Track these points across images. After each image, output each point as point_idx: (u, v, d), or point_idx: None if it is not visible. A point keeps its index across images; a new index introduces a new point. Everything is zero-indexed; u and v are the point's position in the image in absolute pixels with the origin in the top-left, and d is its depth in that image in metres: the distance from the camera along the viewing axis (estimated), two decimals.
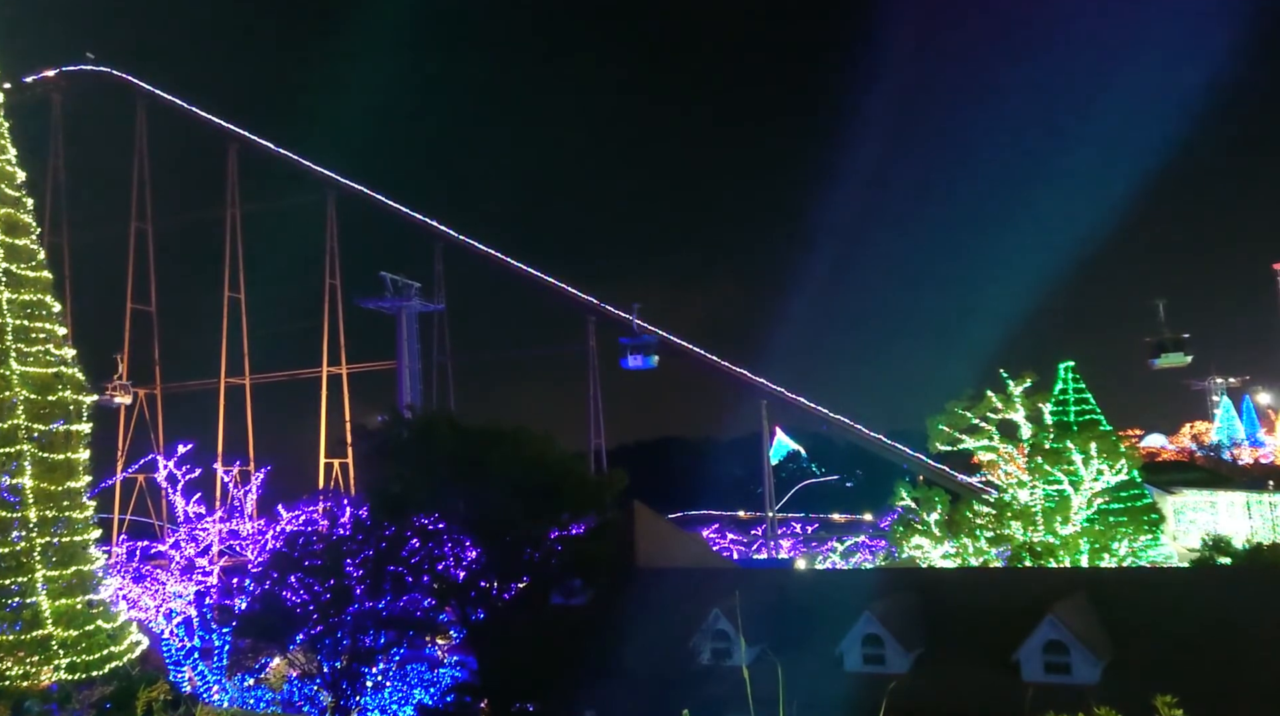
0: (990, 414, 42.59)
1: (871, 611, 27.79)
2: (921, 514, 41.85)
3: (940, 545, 41.02)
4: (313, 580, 36.25)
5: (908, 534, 42.03)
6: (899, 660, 27.26)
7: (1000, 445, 42.64)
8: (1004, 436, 42.68)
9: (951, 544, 40.89)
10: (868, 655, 27.63)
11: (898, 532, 43.12)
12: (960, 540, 40.68)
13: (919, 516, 41.95)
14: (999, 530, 40.21)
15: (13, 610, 28.83)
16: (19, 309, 31.13)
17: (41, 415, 30.91)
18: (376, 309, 75.90)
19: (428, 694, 34.33)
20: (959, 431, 43.20)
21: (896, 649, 27.36)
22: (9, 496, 29.72)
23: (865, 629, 27.73)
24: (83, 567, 31.20)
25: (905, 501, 42.81)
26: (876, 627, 27.61)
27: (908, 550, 42.27)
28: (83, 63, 79.29)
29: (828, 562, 61.82)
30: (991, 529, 40.39)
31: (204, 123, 76.90)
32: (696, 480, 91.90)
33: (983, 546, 40.17)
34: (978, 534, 40.36)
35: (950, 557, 40.74)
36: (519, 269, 72.72)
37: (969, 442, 43.42)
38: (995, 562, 39.60)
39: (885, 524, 52.34)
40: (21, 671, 28.05)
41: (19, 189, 32.41)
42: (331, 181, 74.82)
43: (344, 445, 73.85)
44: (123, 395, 74.23)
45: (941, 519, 41.34)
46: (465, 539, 36.33)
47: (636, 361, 68.34)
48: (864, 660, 27.61)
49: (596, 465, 67.43)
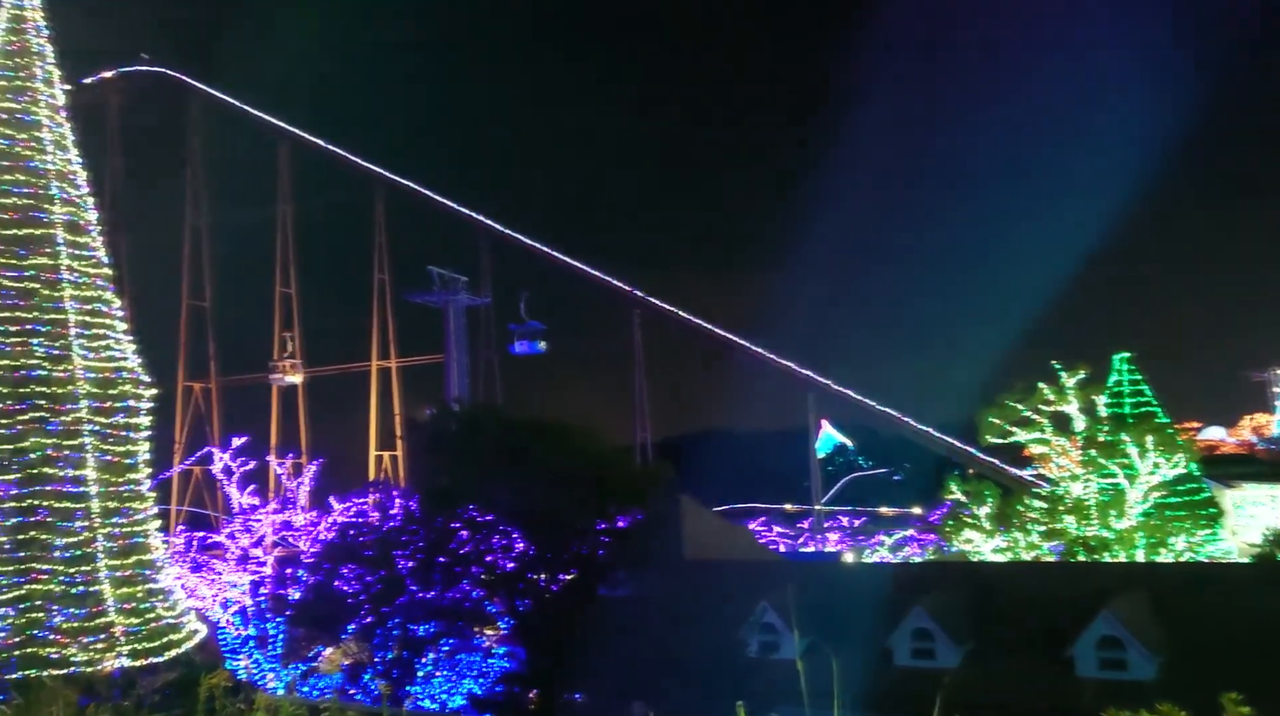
0: (1042, 406, 41.96)
1: (921, 605, 27.57)
2: (972, 507, 41.35)
3: (991, 539, 40.51)
4: (364, 571, 36.89)
5: (958, 527, 41.54)
6: (949, 654, 27.02)
7: (1053, 438, 42.01)
8: (1057, 429, 42.04)
9: (1003, 538, 40.37)
10: (917, 649, 27.42)
11: (948, 526, 42.66)
12: (1012, 534, 40.16)
13: (969, 510, 41.47)
14: (1052, 524, 39.64)
15: (77, 597, 29.63)
16: (81, 306, 31.94)
17: (103, 409, 31.69)
18: (424, 303, 76.70)
19: (477, 683, 34.73)
20: (1010, 424, 42.62)
21: (947, 643, 27.12)
22: (73, 487, 30.51)
23: (915, 623, 27.51)
24: (143, 557, 31.96)
25: (955, 495, 42.31)
26: (926, 622, 27.39)
27: (958, 544, 41.80)
28: (138, 63, 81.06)
29: (876, 556, 61.36)
30: (1044, 523, 39.82)
31: (256, 121, 78.15)
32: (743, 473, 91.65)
33: (1035, 540, 39.63)
34: (1030, 528, 39.82)
35: (1001, 552, 40.23)
36: (564, 262, 73.00)
37: (1020, 435, 42.83)
38: (1048, 557, 39.06)
39: (935, 517, 51.82)
40: (86, 657, 28.83)
41: (81, 189, 33.21)
42: (380, 177, 75.64)
43: (394, 438, 74.92)
44: (293, 373, 75.46)
45: (992, 512, 40.81)
46: (513, 531, 36.68)
47: (523, 346, 73.31)
48: (913, 654, 27.40)
49: (642, 458, 67.54)
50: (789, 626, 28.29)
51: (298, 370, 76.26)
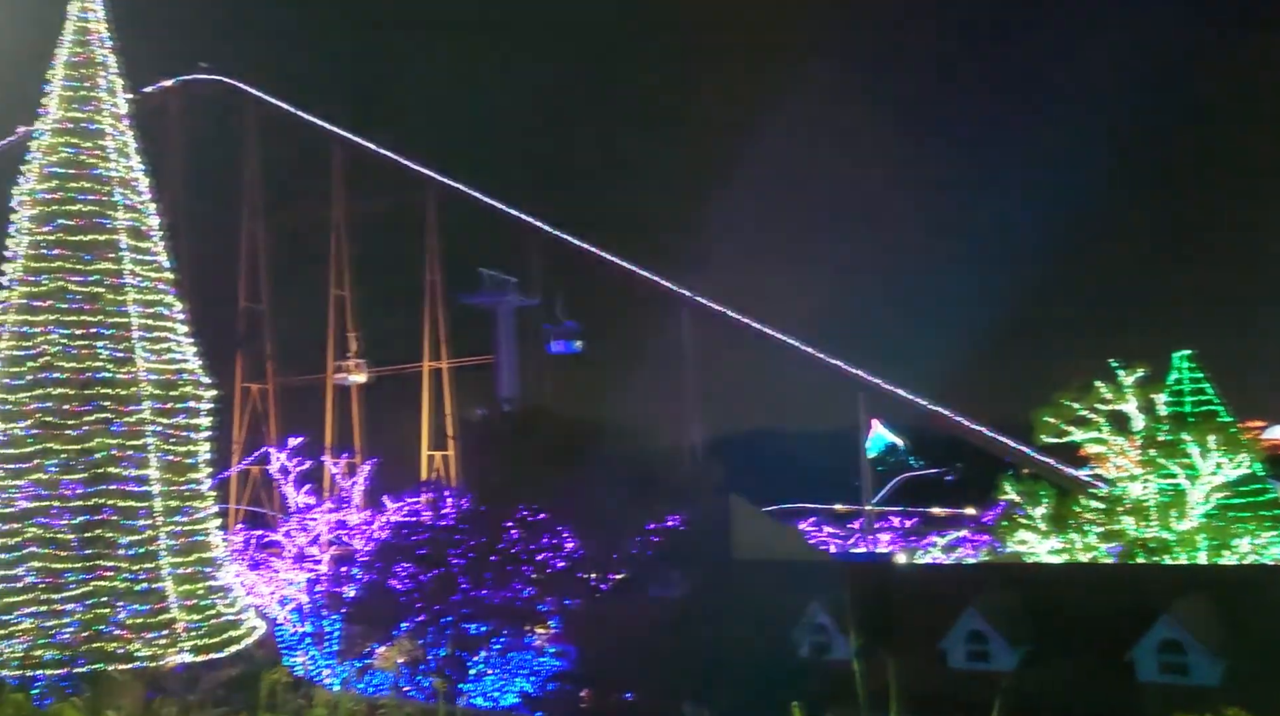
0: (1099, 405, 41.17)
1: (976, 607, 27.23)
2: (1027, 508, 40.69)
3: (1047, 540, 39.82)
4: (417, 569, 37.38)
5: (1012, 528, 40.91)
6: (1005, 657, 26.66)
7: (1110, 437, 41.20)
8: (1114, 428, 41.23)
9: (1059, 539, 39.66)
10: (972, 651, 27.09)
11: (1002, 527, 42.05)
12: (1068, 535, 39.46)
13: (1024, 510, 40.82)
14: (1110, 525, 38.89)
15: (141, 594, 30.43)
16: (144, 309, 32.79)
17: (165, 410, 32.51)
18: (475, 305, 77.36)
19: (529, 682, 34.99)
20: (1066, 423, 41.87)
21: (1002, 646, 26.76)
22: (136, 487, 31.32)
23: (969, 625, 27.19)
24: (204, 555, 32.72)
25: (1009, 495, 41.67)
26: (981, 624, 27.05)
27: (1012, 545, 41.16)
28: (197, 72, 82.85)
29: (928, 557, 60.66)
30: (1101, 524, 39.09)
31: (309, 125, 79.38)
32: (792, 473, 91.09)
33: (1092, 542, 38.91)
34: (1087, 529, 39.10)
35: (1057, 553, 39.55)
36: (613, 262, 73.14)
37: (1077, 435, 42.06)
38: (1106, 559, 38.34)
39: (988, 518, 51.11)
40: (150, 653, 29.59)
41: (143, 195, 34.09)
42: (431, 180, 76.42)
43: (446, 437, 75.70)
44: (358, 372, 76.83)
45: (1048, 513, 40.13)
46: (563, 530, 36.94)
47: (560, 346, 73.54)
48: (968, 656, 27.08)
49: (692, 458, 67.47)
50: (841, 627, 28.12)
51: (362, 370, 77.29)
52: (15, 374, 31.09)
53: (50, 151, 32.98)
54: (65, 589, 29.65)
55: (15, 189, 33.03)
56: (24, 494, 30.31)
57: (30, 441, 30.64)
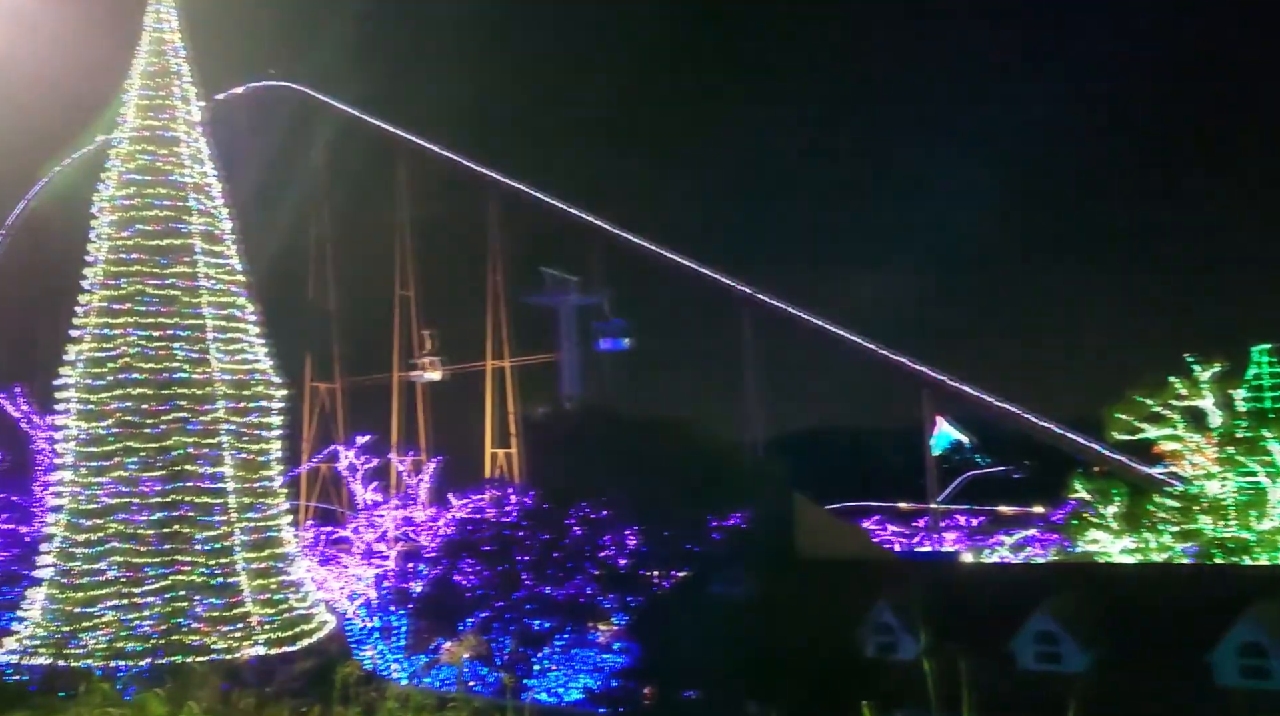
0: (1174, 401, 40.09)
1: (1046, 607, 26.72)
2: (1098, 506, 39.81)
3: (1120, 539, 38.91)
4: (482, 565, 37.82)
5: (1083, 527, 40.06)
6: (1075, 659, 26.11)
7: (1186, 434, 40.10)
8: (1190, 425, 40.11)
9: (1132, 538, 38.73)
10: (1041, 653, 26.59)
11: (1072, 526, 41.19)
12: (1142, 535, 38.51)
13: (1095, 509, 39.94)
14: (1186, 524, 37.86)
15: (217, 588, 31.28)
16: (218, 311, 33.70)
17: (238, 409, 33.37)
18: (538, 304, 78.00)
19: (593, 678, 35.19)
20: (1140, 420, 40.86)
21: (1073, 647, 26.22)
22: (211, 483, 32.19)
23: (1039, 626, 26.69)
24: (276, 551, 33.54)
25: (1080, 493, 40.79)
26: (1051, 625, 26.53)
27: (1083, 545, 40.30)
28: (266, 79, 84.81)
29: (996, 556, 59.61)
30: (1177, 523, 38.08)
31: (374, 130, 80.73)
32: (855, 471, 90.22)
33: (1167, 541, 37.92)
34: (1161, 528, 38.12)
35: (1131, 553, 38.62)
36: (674, 261, 73.13)
37: (1151, 431, 41.03)
38: (1181, 559, 37.33)
39: (1058, 517, 50.04)
40: (225, 645, 30.42)
41: (216, 200, 35.02)
42: (493, 181, 77.21)
43: (509, 435, 76.46)
44: (432, 370, 78.45)
45: (1121, 512, 39.20)
46: (626, 527, 37.07)
47: (608, 343, 73.96)
48: (1037, 658, 26.59)
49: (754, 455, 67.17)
50: (907, 626, 27.81)
51: (437, 367, 78.41)
52: (97, 375, 32.15)
53: (128, 159, 34.03)
54: (145, 583, 30.61)
55: (96, 195, 34.14)
56: (106, 491, 31.36)
57: (111, 440, 31.66)
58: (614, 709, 33.98)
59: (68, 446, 32.58)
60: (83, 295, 33.37)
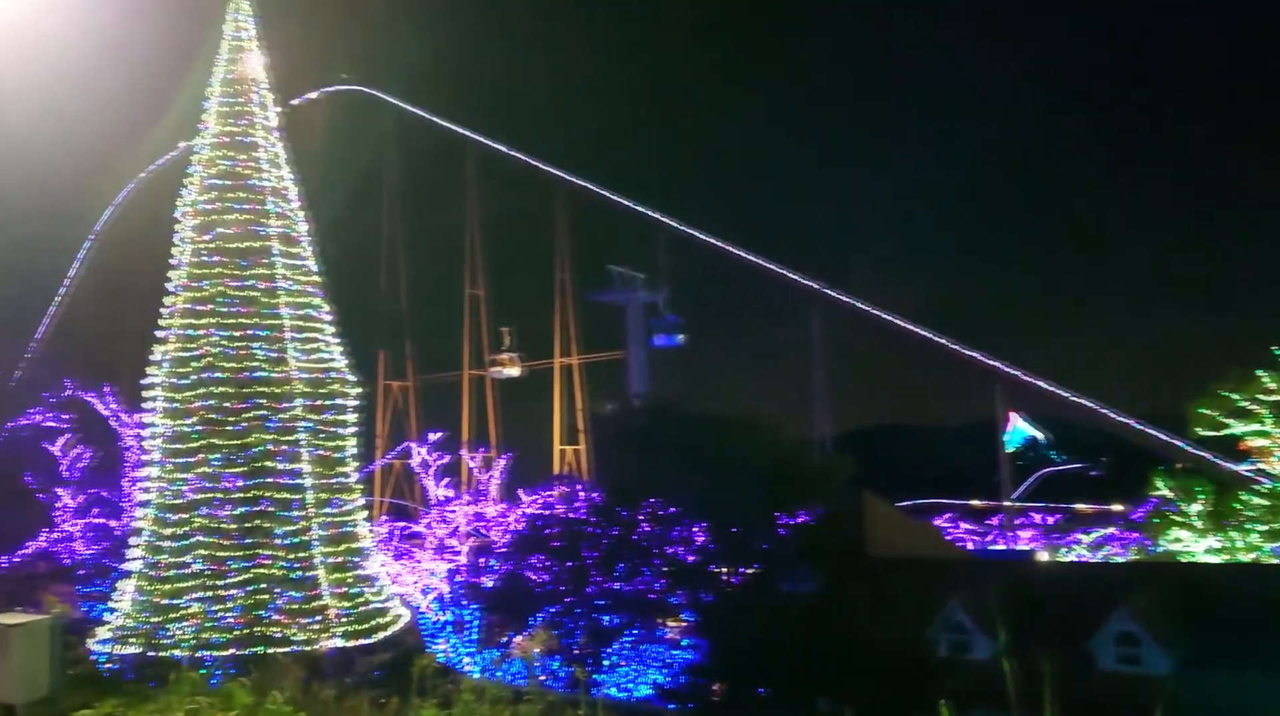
0: (1261, 396, 38.79)
1: (1126, 608, 26.10)
2: (1181, 504, 38.72)
3: (1204, 538, 37.81)
4: (552, 561, 38.22)
5: (1165, 526, 39.01)
6: (1157, 661, 25.49)
7: (1275, 429, 38.78)
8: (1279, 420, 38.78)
9: (1217, 537, 37.60)
10: (1122, 654, 26.00)
11: (1153, 524, 40.12)
12: (1228, 533, 37.36)
13: (1178, 507, 38.84)
14: (1275, 523, 36.64)
15: (296, 582, 32.07)
16: (295, 312, 34.52)
17: (315, 407, 34.14)
18: (605, 302, 78.42)
19: (662, 674, 35.34)
20: (1225, 415, 39.62)
21: (1154, 648, 25.58)
22: (290, 480, 32.98)
23: (1119, 626, 26.10)
24: (352, 545, 34.23)
25: (1162, 491, 39.72)
26: (1132, 625, 25.92)
27: (1165, 543, 39.23)
28: (339, 83, 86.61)
29: (1073, 555, 58.25)
30: (1265, 522, 36.85)
31: (444, 131, 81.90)
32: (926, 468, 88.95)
33: (1255, 540, 36.75)
34: (1249, 527, 36.95)
35: (1216, 553, 37.47)
36: (741, 257, 72.87)
37: (1237, 427, 39.75)
38: (1270, 559, 36.11)
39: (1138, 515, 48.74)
40: (304, 637, 31.18)
41: (292, 203, 35.87)
42: (560, 179, 77.77)
43: (577, 432, 77.02)
44: (511, 366, 79.86)
45: (1205, 510, 38.07)
46: (694, 524, 37.12)
47: (663, 340, 75.05)
48: (1118, 659, 25.99)
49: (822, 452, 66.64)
50: (981, 625, 27.39)
51: (516, 363, 79.33)
52: (181, 374, 33.16)
53: (209, 164, 35.01)
54: (228, 576, 31.49)
55: (179, 201, 35.20)
56: (190, 486, 32.32)
57: (195, 437, 32.63)
58: (683, 705, 34.10)
59: (154, 443, 33.66)
60: (167, 297, 34.34)
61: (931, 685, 24.25)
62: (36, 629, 13.35)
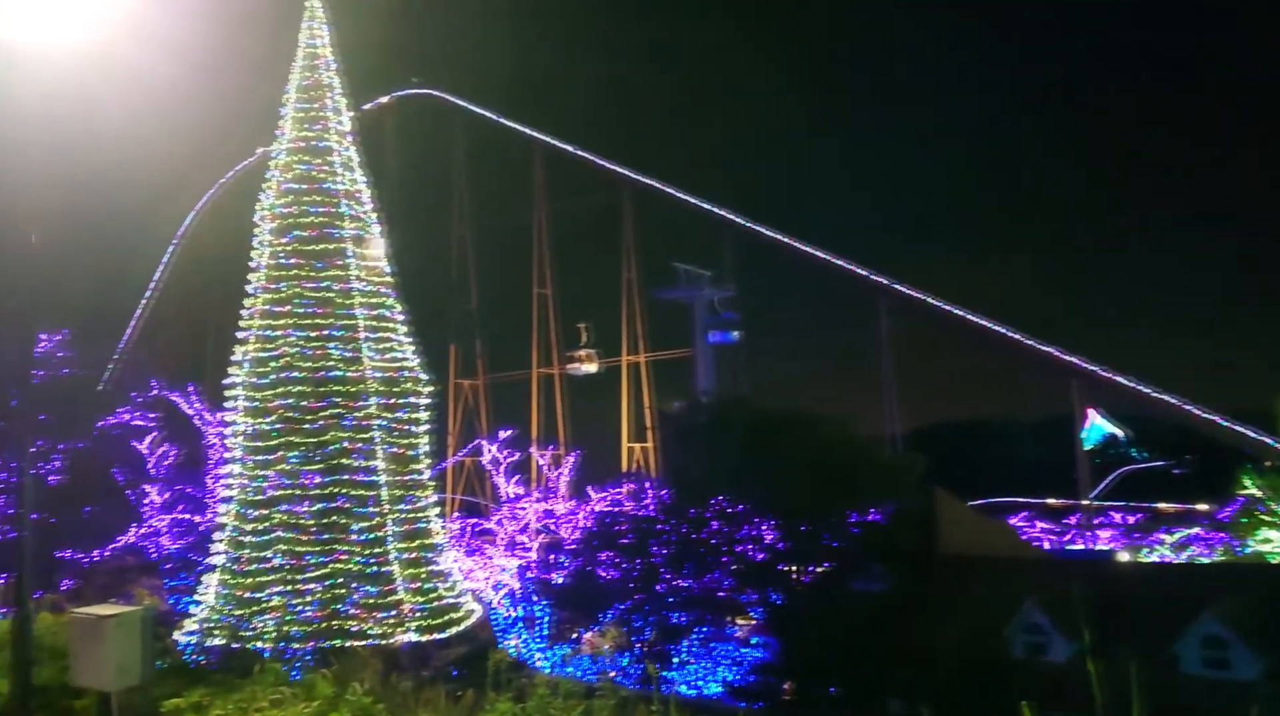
0: None
1: (1213, 610, 25.31)
2: (1271, 503, 37.39)
3: None
4: (621, 558, 38.40)
5: (1254, 526, 37.72)
6: (1246, 666, 24.65)
7: None
8: None
9: None
10: (1208, 658, 25.21)
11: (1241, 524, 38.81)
12: None
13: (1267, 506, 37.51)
14: None
15: (372, 576, 32.75)
16: (369, 312, 35.24)
17: (389, 405, 34.81)
18: (672, 300, 78.54)
19: (732, 672, 35.27)
20: None
21: (1244, 653, 24.75)
22: (365, 477, 33.68)
23: (1206, 629, 25.30)
24: (425, 541, 34.82)
25: (1250, 490, 38.41)
26: (1220, 629, 25.11)
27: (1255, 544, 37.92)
28: (409, 87, 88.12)
29: (1155, 555, 56.62)
30: None
31: (511, 133, 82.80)
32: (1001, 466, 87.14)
33: None
34: None
35: None
36: (808, 253, 72.34)
37: None
38: None
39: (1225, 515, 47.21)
40: (380, 631, 31.83)
41: (366, 206, 36.61)
42: (626, 179, 78.03)
43: (645, 430, 77.26)
44: (589, 363, 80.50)
45: None
46: (763, 522, 36.96)
47: (718, 337, 75.79)
48: (1204, 663, 25.22)
49: (893, 449, 65.85)
50: (1059, 627, 26.81)
51: (594, 360, 79.98)
52: (261, 373, 34.08)
53: (286, 169, 35.90)
54: (307, 570, 32.28)
55: (257, 205, 36.17)
56: (271, 483, 33.19)
57: (274, 435, 33.50)
58: (753, 702, 34.00)
59: (236, 441, 34.64)
60: (247, 299, 35.29)
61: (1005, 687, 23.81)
62: (129, 620, 13.89)
